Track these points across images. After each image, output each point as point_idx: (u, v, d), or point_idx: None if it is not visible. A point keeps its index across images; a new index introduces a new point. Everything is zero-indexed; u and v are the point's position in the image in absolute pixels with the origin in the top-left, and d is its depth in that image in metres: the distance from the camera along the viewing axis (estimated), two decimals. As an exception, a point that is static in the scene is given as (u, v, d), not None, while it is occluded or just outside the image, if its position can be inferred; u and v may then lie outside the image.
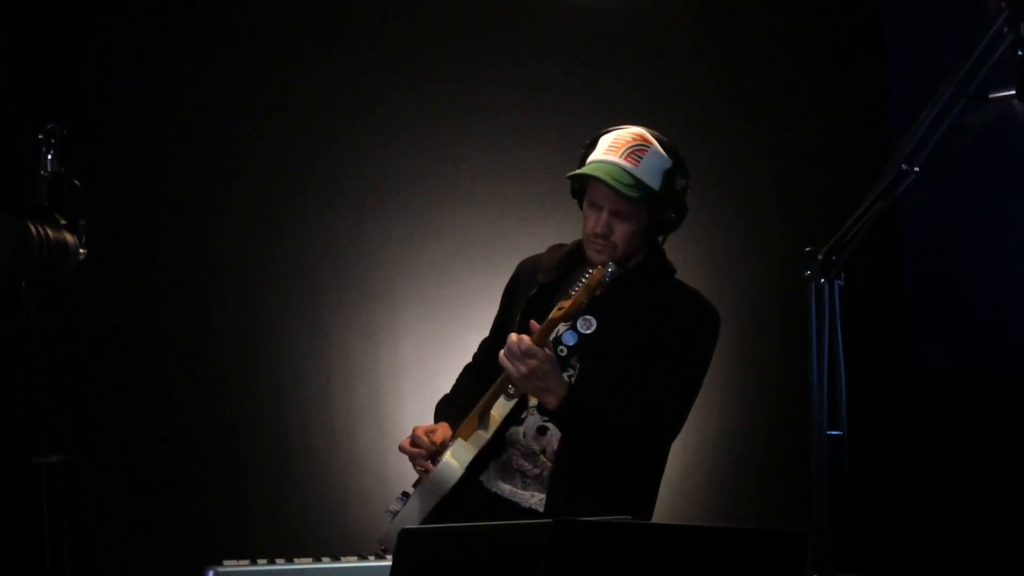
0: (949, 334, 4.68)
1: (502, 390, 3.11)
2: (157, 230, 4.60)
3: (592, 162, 3.15)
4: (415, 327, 4.61)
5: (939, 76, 2.57)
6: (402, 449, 3.23)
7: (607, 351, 3.11)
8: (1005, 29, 2.47)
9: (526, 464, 3.17)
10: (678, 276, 3.27)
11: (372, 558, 2.49)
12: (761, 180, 4.86)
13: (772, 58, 4.87)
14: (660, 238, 3.21)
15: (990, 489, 4.55)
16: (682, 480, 4.76)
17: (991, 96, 2.54)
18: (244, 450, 4.60)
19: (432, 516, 3.12)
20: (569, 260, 3.24)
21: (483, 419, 3.13)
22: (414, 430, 3.23)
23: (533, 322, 3.03)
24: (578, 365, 3.13)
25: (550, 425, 3.14)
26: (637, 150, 3.12)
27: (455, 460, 3.09)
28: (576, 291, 3.00)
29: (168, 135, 4.62)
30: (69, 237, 2.69)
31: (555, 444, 3.14)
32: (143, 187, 4.60)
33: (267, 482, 4.62)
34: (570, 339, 3.13)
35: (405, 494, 3.22)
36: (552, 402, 3.02)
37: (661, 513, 4.69)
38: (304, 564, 2.44)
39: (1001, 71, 2.54)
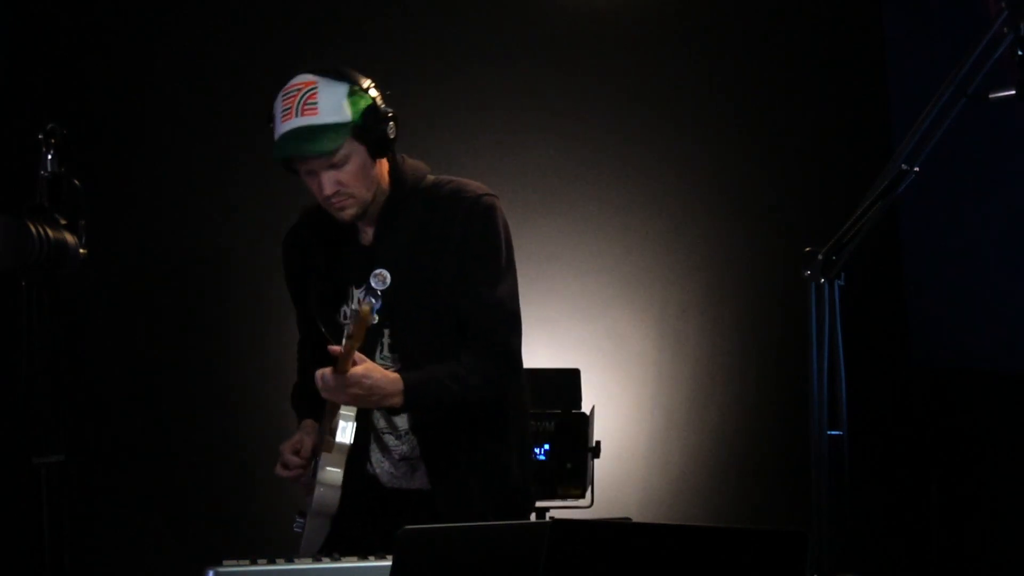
0: (949, 334, 4.69)
1: (337, 410, 3.00)
2: (157, 230, 4.60)
3: (278, 137, 2.98)
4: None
5: (939, 76, 2.57)
6: (278, 474, 3.16)
7: (411, 299, 2.99)
8: (1005, 29, 2.47)
9: (399, 445, 3.09)
10: (432, 175, 3.11)
11: (372, 558, 2.48)
12: (761, 180, 4.86)
13: (772, 59, 4.87)
14: (391, 155, 3.05)
15: (990, 489, 4.55)
16: (682, 480, 4.76)
17: (991, 96, 2.54)
18: (244, 450, 4.60)
19: (333, 529, 3.05)
20: (326, 227, 3.09)
21: (336, 430, 3.01)
22: (281, 452, 3.16)
23: (332, 347, 2.87)
24: (390, 326, 3.03)
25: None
26: (308, 97, 2.94)
27: (329, 483, 2.99)
28: (352, 330, 2.79)
29: (168, 135, 4.62)
30: (69, 237, 2.69)
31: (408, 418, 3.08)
32: (143, 187, 4.60)
33: (267, 482, 4.61)
34: (375, 304, 2.92)
35: (303, 513, 3.17)
36: (397, 402, 2.91)
37: (661, 513, 4.71)
38: (304, 564, 2.44)
39: (1001, 71, 2.54)
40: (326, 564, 2.41)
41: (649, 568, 2.10)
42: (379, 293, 2.83)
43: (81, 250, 2.71)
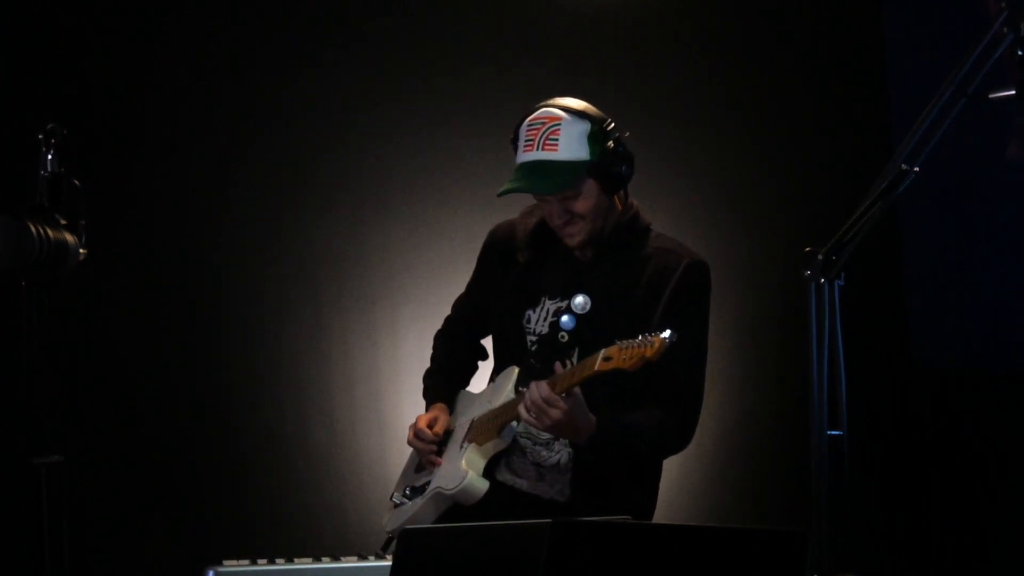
0: (949, 334, 4.69)
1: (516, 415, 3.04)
2: (157, 230, 4.60)
3: (517, 166, 3.09)
4: (415, 327, 4.60)
5: (939, 76, 2.57)
6: (410, 443, 3.22)
7: (607, 330, 3.03)
8: (1005, 29, 2.47)
9: (543, 452, 3.14)
10: (655, 229, 3.23)
11: (372, 558, 2.49)
12: (761, 180, 4.86)
13: (772, 58, 4.87)
14: (623, 193, 3.14)
15: (990, 489, 4.55)
16: (682, 480, 4.76)
17: (991, 96, 2.54)
18: (244, 450, 4.60)
19: (445, 516, 3.10)
20: (543, 234, 3.17)
21: (502, 429, 3.07)
22: (417, 422, 3.22)
23: (557, 364, 2.98)
24: (578, 348, 3.10)
25: None
26: (550, 133, 3.05)
27: (477, 475, 3.04)
28: (620, 352, 2.84)
29: (168, 135, 4.62)
30: (69, 237, 2.69)
31: None
32: (143, 187, 4.60)
33: (267, 482, 4.62)
34: (569, 323, 3.10)
35: (414, 489, 3.20)
36: (582, 439, 3.00)
37: (661, 513, 4.70)
38: (304, 564, 2.44)
39: (1001, 71, 2.54)
40: (326, 564, 2.41)
41: (649, 568, 2.10)
42: (577, 314, 3.06)
43: (81, 250, 2.71)
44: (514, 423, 3.08)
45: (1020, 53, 2.46)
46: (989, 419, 4.53)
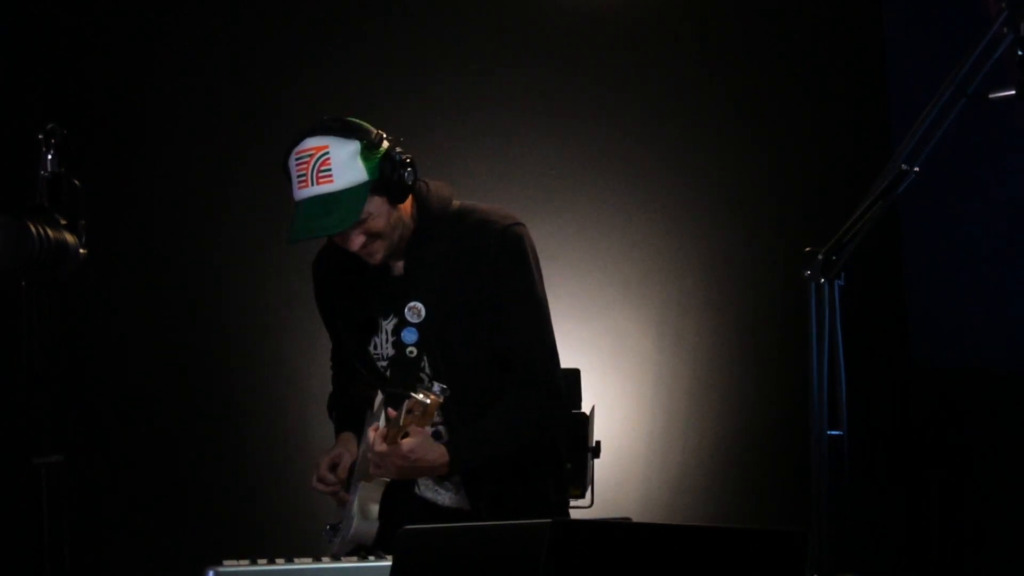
0: (949, 334, 4.69)
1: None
2: (157, 230, 4.60)
3: (297, 205, 2.94)
4: (415, 327, 4.61)
5: (939, 76, 2.57)
6: (313, 488, 3.17)
7: (447, 330, 3.01)
8: (1005, 29, 2.47)
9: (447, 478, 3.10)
10: (458, 201, 3.10)
11: (372, 558, 2.49)
12: (761, 180, 4.86)
13: (772, 58, 4.87)
14: (412, 192, 3.02)
15: (990, 489, 4.55)
16: (682, 480, 4.76)
17: (991, 96, 2.54)
18: (244, 450, 4.61)
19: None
20: (352, 258, 3.06)
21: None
22: (317, 466, 3.16)
23: (390, 409, 2.91)
24: (426, 357, 3.04)
25: (441, 428, 3.06)
26: (321, 164, 2.91)
27: (366, 518, 2.98)
28: (411, 415, 2.79)
29: (168, 135, 4.62)
30: (69, 237, 2.68)
31: None
32: (143, 187, 4.60)
33: (267, 482, 4.62)
34: (410, 336, 3.02)
35: (334, 527, 3.16)
36: (443, 470, 2.94)
37: (661, 513, 4.71)
38: (304, 564, 2.44)
39: (1001, 71, 2.54)
40: (326, 564, 2.41)
41: (649, 568, 2.10)
42: (415, 324, 2.97)
43: (81, 250, 2.71)
44: None
45: (1020, 53, 2.46)
46: (989, 419, 4.53)
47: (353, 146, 2.93)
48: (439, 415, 2.97)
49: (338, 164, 2.90)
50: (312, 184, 2.91)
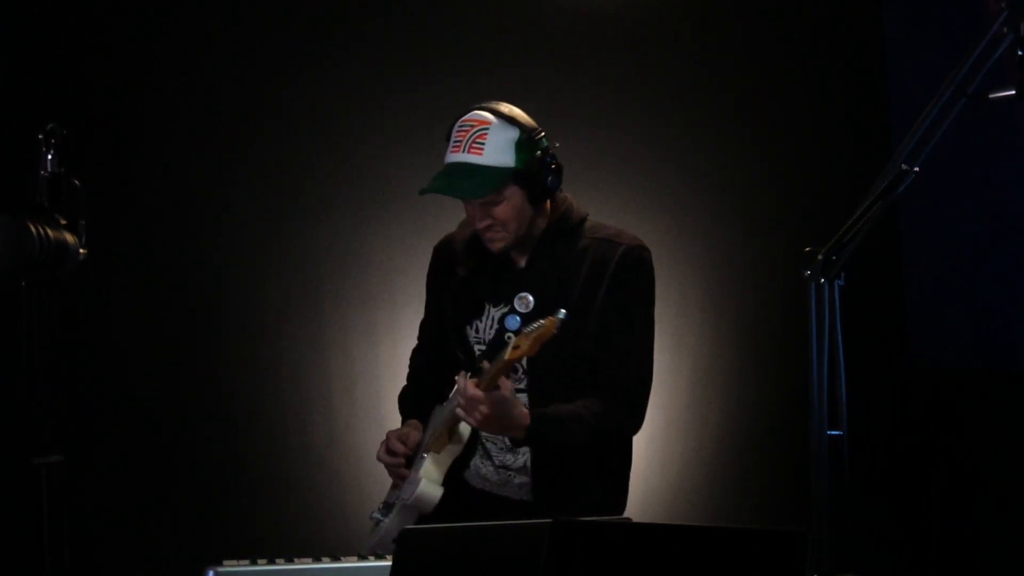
0: (949, 334, 4.69)
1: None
2: (157, 230, 4.60)
3: (444, 167, 3.07)
4: (415, 327, 4.61)
5: (939, 76, 2.57)
6: (379, 458, 3.21)
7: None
8: (1005, 29, 2.47)
9: (508, 456, 3.16)
10: (590, 219, 3.20)
11: (372, 558, 2.49)
12: (761, 180, 4.86)
13: (772, 58, 4.87)
14: (551, 198, 3.12)
15: (990, 489, 4.55)
16: (682, 480, 4.76)
17: (991, 96, 2.54)
18: (244, 450, 4.61)
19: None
20: (479, 245, 3.15)
21: (453, 434, 3.08)
22: (388, 437, 3.20)
23: (485, 362, 2.99)
24: None
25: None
26: (477, 137, 3.02)
27: (432, 482, 3.05)
28: (525, 339, 2.85)
29: (168, 135, 4.62)
30: (69, 237, 2.69)
31: None
32: (143, 187, 4.60)
33: (267, 482, 4.62)
34: (512, 323, 3.09)
35: (387, 505, 3.20)
36: (520, 434, 2.99)
37: (661, 513, 4.71)
38: (304, 564, 2.44)
39: (1001, 71, 2.54)
40: (326, 564, 2.41)
41: (649, 568, 2.10)
42: (521, 314, 3.04)
43: (81, 250, 2.71)
44: (461, 430, 3.08)
45: (1020, 53, 2.46)
46: (989, 419, 4.53)
47: (513, 132, 3.03)
48: (526, 397, 3.04)
49: (493, 142, 3.01)
50: (463, 151, 3.02)
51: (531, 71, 4.74)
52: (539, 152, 3.04)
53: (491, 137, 3.01)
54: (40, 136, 2.71)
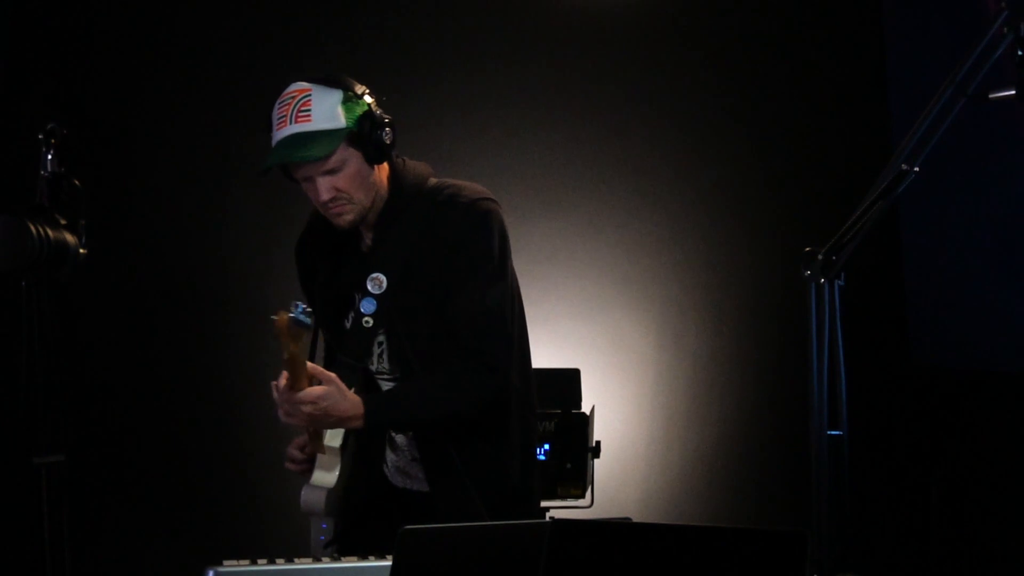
0: (949, 334, 4.69)
1: None
2: (157, 230, 4.60)
3: (273, 145, 2.96)
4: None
5: (939, 76, 2.57)
6: (288, 468, 3.17)
7: (407, 304, 2.98)
8: (1005, 29, 2.48)
9: (408, 446, 3.06)
10: (435, 178, 3.07)
11: (372, 558, 2.48)
12: (761, 180, 4.87)
13: (772, 58, 4.87)
14: (388, 160, 3.00)
15: (990, 489, 4.55)
16: (682, 480, 4.76)
17: (991, 96, 2.54)
18: (244, 450, 4.61)
19: (339, 526, 3.05)
20: (333, 234, 3.05)
21: (318, 434, 3.00)
22: (288, 449, 3.16)
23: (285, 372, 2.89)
24: (386, 328, 3.01)
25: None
26: (301, 105, 2.92)
27: (317, 484, 3.00)
28: (283, 346, 2.79)
29: (168, 135, 4.62)
30: (69, 237, 2.69)
31: None
32: (143, 187, 4.60)
33: (267, 482, 4.62)
34: (369, 306, 2.99)
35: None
36: (357, 423, 2.89)
37: (661, 513, 4.71)
38: (304, 564, 2.44)
39: (1001, 71, 2.54)
40: (326, 564, 2.41)
41: (649, 568, 2.10)
42: (375, 295, 2.91)
43: (81, 250, 2.71)
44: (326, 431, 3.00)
45: (1020, 53, 2.46)
46: (989, 419, 4.54)
47: (336, 95, 2.95)
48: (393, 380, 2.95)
49: (318, 106, 2.93)
50: (291, 123, 2.93)
51: (531, 71, 4.74)
52: (367, 109, 2.94)
53: (315, 102, 2.92)
54: (40, 136, 2.71)
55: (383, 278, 2.96)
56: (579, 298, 4.81)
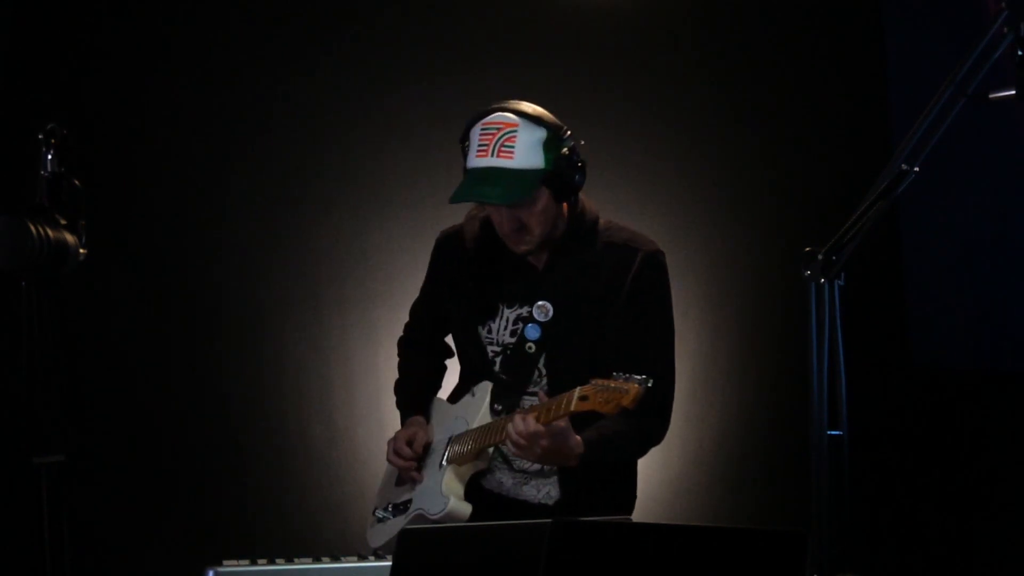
0: (949, 334, 4.69)
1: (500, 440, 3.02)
2: (157, 230, 4.60)
3: (469, 170, 3.02)
4: (415, 327, 4.62)
5: (939, 76, 2.57)
6: (389, 460, 3.20)
7: (570, 335, 3.05)
8: (1005, 29, 2.48)
9: (525, 462, 3.12)
10: (603, 218, 3.15)
11: (372, 558, 2.49)
12: (761, 181, 4.86)
13: (772, 58, 4.87)
14: (573, 198, 3.09)
15: (990, 489, 4.55)
16: (682, 480, 4.76)
17: (991, 96, 2.54)
18: (244, 450, 4.60)
19: None
20: (491, 240, 3.11)
21: (481, 453, 3.05)
22: (395, 438, 3.20)
23: (541, 394, 2.96)
24: (544, 356, 3.08)
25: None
26: (506, 140, 2.97)
27: (458, 498, 3.02)
28: (598, 394, 2.79)
29: (168, 135, 4.62)
30: (69, 237, 2.69)
31: None
32: (143, 187, 4.60)
33: (267, 482, 4.62)
34: (533, 333, 3.07)
35: (396, 506, 3.19)
36: (573, 463, 2.98)
37: (661, 513, 4.70)
38: (304, 564, 2.44)
39: (1001, 71, 2.54)
40: (326, 564, 2.41)
41: (649, 568, 2.10)
42: (541, 323, 3.02)
43: (81, 250, 2.72)
44: (490, 449, 3.06)
45: (1020, 53, 2.46)
46: (989, 419, 4.53)
47: (541, 133, 2.99)
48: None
49: (522, 144, 2.96)
50: (492, 155, 2.97)
51: (531, 71, 4.73)
52: (566, 150, 3.01)
53: (520, 139, 2.97)
54: (40, 136, 2.72)
55: (550, 307, 3.05)
56: (579, 298, 4.80)
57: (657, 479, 4.78)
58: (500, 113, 3.01)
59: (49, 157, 2.71)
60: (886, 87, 4.82)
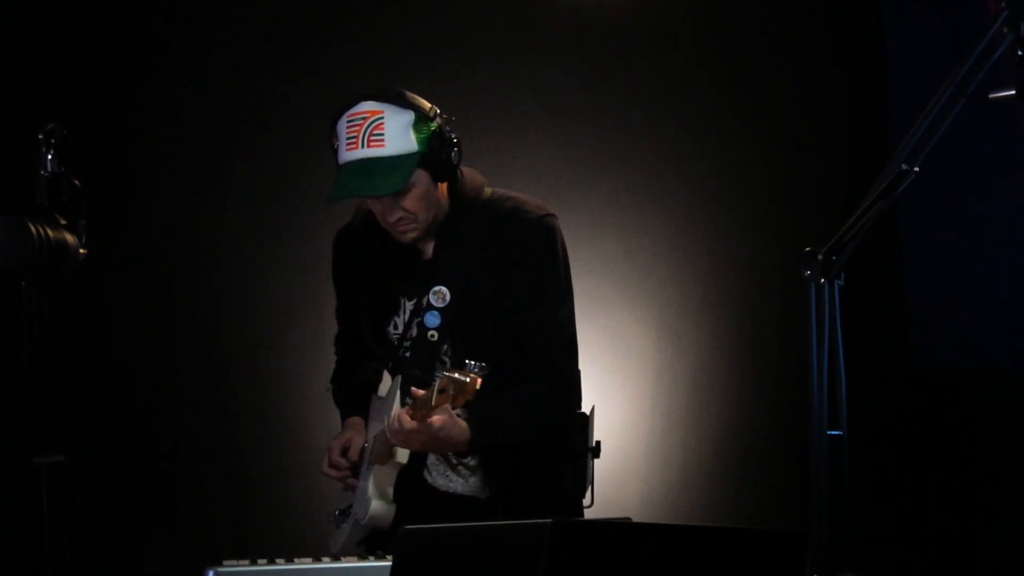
0: (949, 334, 4.69)
1: None
2: (157, 230, 4.60)
3: (342, 165, 2.95)
4: (415, 327, 4.62)
5: (939, 76, 2.57)
6: (325, 474, 3.18)
7: (471, 317, 3.01)
8: (1005, 29, 2.47)
9: (464, 456, 3.09)
10: (490, 188, 3.10)
11: (372, 558, 2.49)
12: (761, 180, 4.86)
13: (772, 58, 4.87)
14: (453, 176, 3.03)
15: (990, 489, 4.55)
16: (682, 480, 4.76)
17: (991, 96, 2.54)
18: (244, 450, 4.61)
19: (376, 534, 3.07)
20: (379, 234, 3.06)
21: (397, 452, 2.99)
22: (329, 451, 3.18)
23: (414, 389, 2.89)
24: (449, 342, 3.04)
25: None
26: (374, 129, 2.90)
27: (382, 500, 2.99)
28: (447, 395, 2.73)
29: (168, 135, 4.62)
30: (69, 237, 2.69)
31: None
32: (143, 187, 4.60)
33: (267, 482, 4.62)
34: (433, 320, 3.01)
35: (343, 512, 3.17)
36: (463, 448, 2.94)
37: (661, 513, 4.71)
38: (304, 564, 2.44)
39: (1001, 71, 2.54)
40: (326, 564, 2.41)
41: (649, 568, 2.10)
42: (439, 308, 2.95)
43: (81, 250, 2.72)
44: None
45: (1020, 53, 2.46)
46: (989, 419, 4.53)
47: (408, 116, 2.93)
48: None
49: (391, 130, 2.90)
50: (362, 146, 2.91)
51: (531, 72, 4.74)
52: (436, 128, 2.95)
53: (388, 125, 2.90)
54: (40, 136, 2.72)
55: (446, 291, 2.99)
56: (579, 298, 4.78)
57: (657, 479, 4.79)
58: (364, 102, 2.94)
59: (49, 157, 2.71)
60: (886, 87, 4.82)
